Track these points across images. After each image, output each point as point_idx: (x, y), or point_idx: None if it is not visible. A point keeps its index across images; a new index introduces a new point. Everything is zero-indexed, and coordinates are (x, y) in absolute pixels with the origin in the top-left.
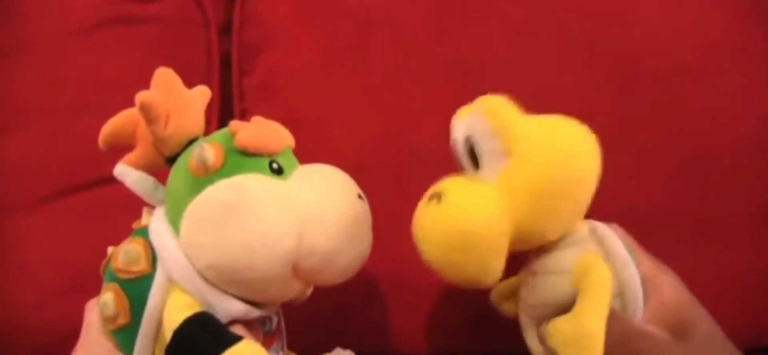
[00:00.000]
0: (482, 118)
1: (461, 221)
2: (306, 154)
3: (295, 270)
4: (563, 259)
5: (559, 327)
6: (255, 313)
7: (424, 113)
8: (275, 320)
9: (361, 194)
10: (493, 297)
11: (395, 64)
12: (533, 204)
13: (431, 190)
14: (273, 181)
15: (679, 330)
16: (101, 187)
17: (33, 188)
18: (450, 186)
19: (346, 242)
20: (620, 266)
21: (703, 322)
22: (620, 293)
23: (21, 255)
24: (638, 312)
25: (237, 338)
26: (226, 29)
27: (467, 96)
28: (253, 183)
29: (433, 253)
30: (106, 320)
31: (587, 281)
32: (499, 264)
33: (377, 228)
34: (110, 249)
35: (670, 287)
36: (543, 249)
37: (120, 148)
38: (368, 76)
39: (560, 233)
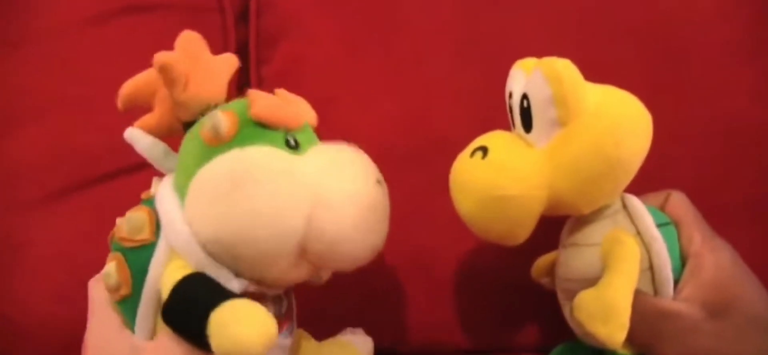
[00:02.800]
0: (545, 82)
1: (502, 184)
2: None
3: (303, 251)
4: (593, 232)
5: (585, 299)
6: (257, 292)
7: (449, 98)
8: (286, 303)
9: (381, 179)
10: (533, 272)
11: (418, 49)
12: (576, 180)
13: (476, 141)
14: (286, 155)
15: (716, 309)
16: (114, 181)
17: (44, 183)
18: (496, 143)
19: (357, 231)
20: (648, 241)
21: (749, 303)
22: (649, 268)
23: (32, 251)
24: (668, 286)
25: (235, 295)
26: (243, 16)
27: (493, 80)
28: (263, 155)
29: (467, 207)
30: (110, 290)
31: (614, 255)
32: (528, 229)
33: (401, 216)
34: (119, 219)
35: (714, 267)
36: (575, 222)
37: (138, 108)
38: (391, 61)
39: (594, 208)
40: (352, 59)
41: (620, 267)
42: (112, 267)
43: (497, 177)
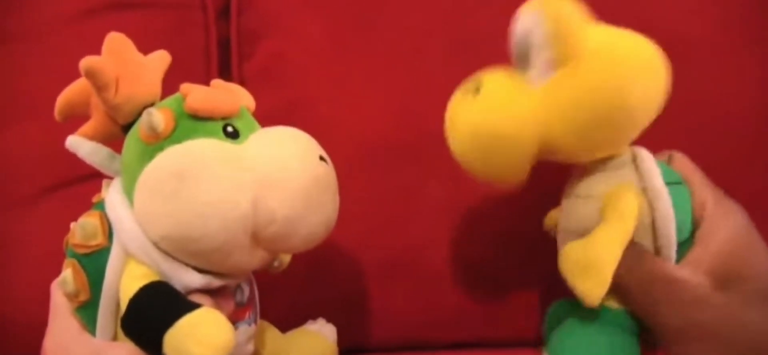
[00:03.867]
0: (544, 21)
1: (492, 121)
2: None
3: (255, 238)
4: (594, 184)
5: (569, 252)
6: (216, 283)
7: (435, 94)
8: (247, 290)
9: (325, 155)
10: (546, 222)
11: (403, 44)
12: (571, 123)
13: (471, 80)
14: (226, 145)
15: (724, 280)
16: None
17: (39, 180)
18: (490, 81)
19: (306, 208)
20: (653, 198)
21: (757, 274)
22: (651, 226)
23: (25, 248)
24: (671, 248)
25: (194, 306)
26: (224, 13)
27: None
28: (204, 148)
29: (460, 145)
30: (68, 297)
31: (610, 209)
32: (522, 168)
33: (386, 212)
34: (72, 224)
35: (726, 234)
36: (579, 173)
37: (77, 118)
38: (376, 57)
39: (595, 156)
40: (336, 55)
41: (613, 223)
42: (68, 274)
43: (487, 114)
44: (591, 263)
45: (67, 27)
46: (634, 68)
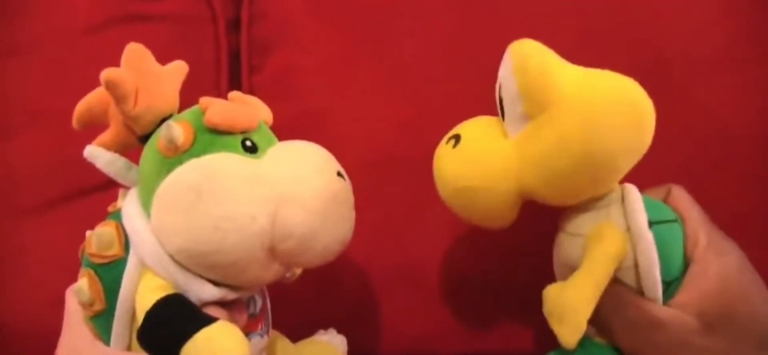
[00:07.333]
0: (512, 73)
1: (467, 175)
2: None
3: (272, 253)
4: (582, 222)
5: (548, 295)
6: (231, 296)
7: (445, 108)
8: (260, 302)
9: (342, 171)
10: None
11: (412, 57)
12: (543, 175)
13: (454, 129)
14: (245, 159)
15: (713, 322)
16: (112, 189)
17: (43, 191)
18: (468, 132)
19: (323, 224)
20: (635, 238)
21: (750, 316)
22: (634, 266)
23: (31, 259)
24: (655, 289)
25: (211, 320)
26: (235, 25)
27: (487, 89)
28: (223, 162)
29: (442, 193)
30: (83, 306)
31: (589, 252)
32: (506, 213)
33: (394, 224)
34: (88, 233)
35: (718, 276)
36: (569, 209)
37: (94, 126)
38: (385, 70)
39: (579, 200)
40: (345, 68)
41: (590, 267)
42: (84, 283)
43: (462, 168)
44: (567, 309)
45: (78, 39)
46: (604, 118)
